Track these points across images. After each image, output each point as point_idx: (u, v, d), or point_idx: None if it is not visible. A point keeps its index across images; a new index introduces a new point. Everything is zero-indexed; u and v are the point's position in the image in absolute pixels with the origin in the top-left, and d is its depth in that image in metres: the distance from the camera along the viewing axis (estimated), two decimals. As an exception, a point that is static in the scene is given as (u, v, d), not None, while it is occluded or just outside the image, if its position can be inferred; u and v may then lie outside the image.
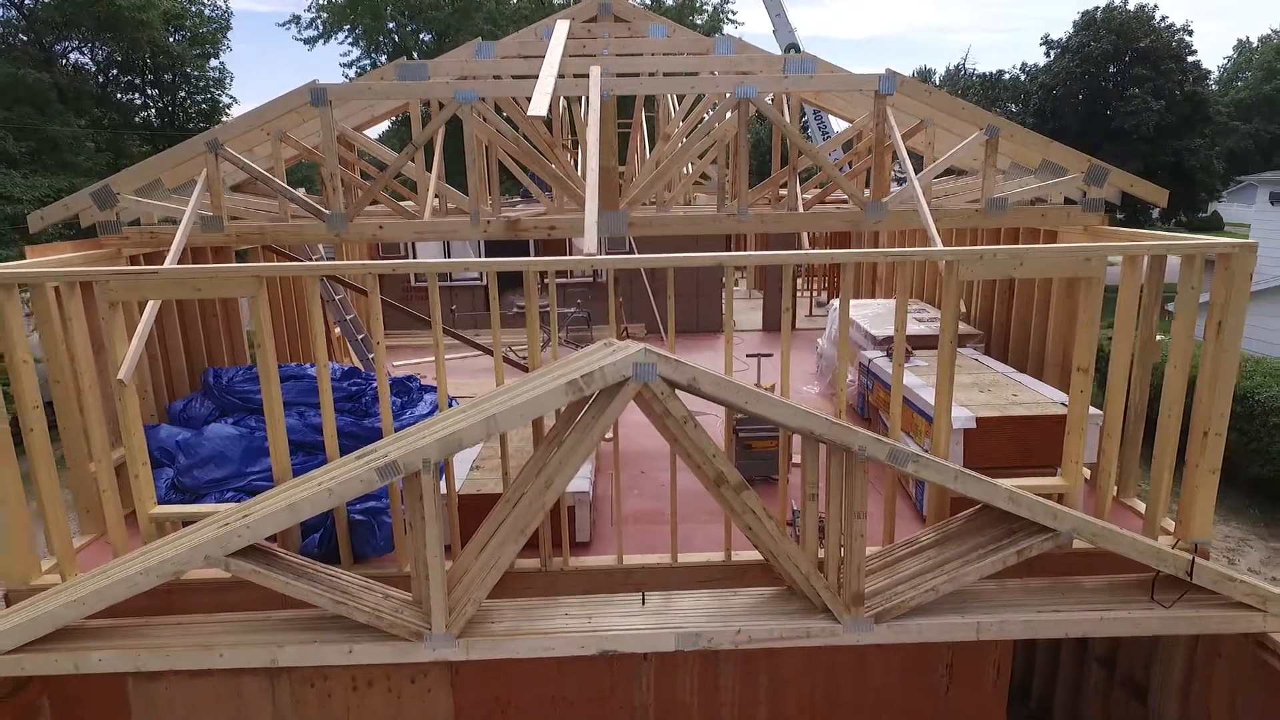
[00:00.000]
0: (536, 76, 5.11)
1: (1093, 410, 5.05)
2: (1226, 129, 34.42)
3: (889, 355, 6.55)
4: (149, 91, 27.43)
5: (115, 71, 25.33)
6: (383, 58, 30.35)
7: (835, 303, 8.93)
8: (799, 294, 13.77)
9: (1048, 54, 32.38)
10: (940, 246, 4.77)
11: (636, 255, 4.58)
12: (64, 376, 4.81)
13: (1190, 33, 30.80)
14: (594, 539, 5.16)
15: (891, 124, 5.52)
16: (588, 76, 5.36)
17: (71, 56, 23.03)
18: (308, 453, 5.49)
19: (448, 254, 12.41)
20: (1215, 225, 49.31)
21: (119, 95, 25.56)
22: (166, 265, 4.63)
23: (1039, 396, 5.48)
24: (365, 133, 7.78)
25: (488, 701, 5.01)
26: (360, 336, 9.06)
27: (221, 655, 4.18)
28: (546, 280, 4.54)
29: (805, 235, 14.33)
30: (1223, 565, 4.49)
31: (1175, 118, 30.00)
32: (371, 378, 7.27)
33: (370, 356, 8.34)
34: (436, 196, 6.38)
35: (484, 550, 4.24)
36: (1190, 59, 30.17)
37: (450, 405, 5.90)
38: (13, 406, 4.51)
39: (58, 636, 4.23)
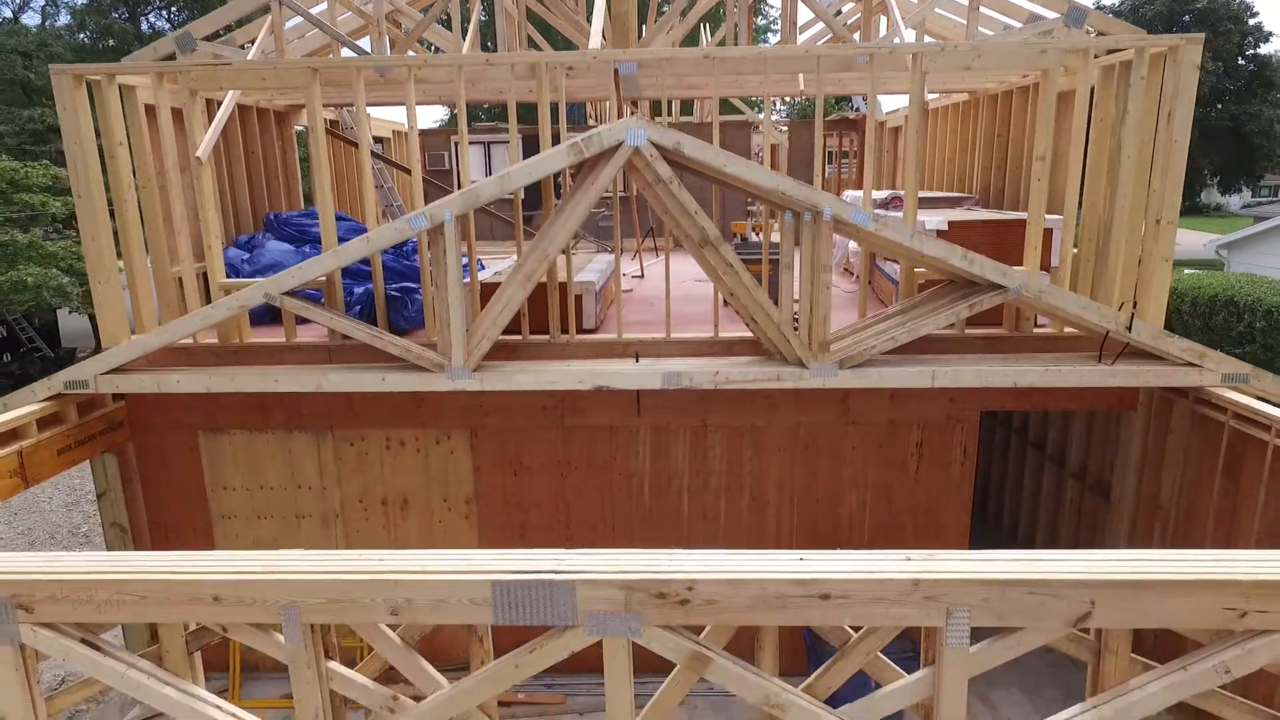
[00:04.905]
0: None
1: (1057, 216, 5.48)
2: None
3: (886, 208, 7.03)
4: (219, 60, 29.07)
5: (189, 36, 27.00)
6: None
7: (847, 193, 9.38)
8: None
9: (1101, 19, 31.79)
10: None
11: (635, 49, 5.19)
12: (151, 184, 5.63)
13: (1253, -6, 29.91)
14: (599, 327, 5.78)
15: (881, -33, 6.01)
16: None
17: (149, 17, 24.74)
18: (352, 278, 6.27)
19: (488, 170, 13.17)
20: (1284, 205, 47.43)
21: (192, 60, 27.21)
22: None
23: (1010, 214, 5.91)
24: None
25: (502, 464, 5.69)
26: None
27: (277, 380, 4.94)
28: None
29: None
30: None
31: (1236, 82, 29.22)
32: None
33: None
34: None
35: (497, 302, 4.91)
36: (1251, 21, 29.30)
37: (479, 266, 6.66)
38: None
39: (146, 369, 5.05)
